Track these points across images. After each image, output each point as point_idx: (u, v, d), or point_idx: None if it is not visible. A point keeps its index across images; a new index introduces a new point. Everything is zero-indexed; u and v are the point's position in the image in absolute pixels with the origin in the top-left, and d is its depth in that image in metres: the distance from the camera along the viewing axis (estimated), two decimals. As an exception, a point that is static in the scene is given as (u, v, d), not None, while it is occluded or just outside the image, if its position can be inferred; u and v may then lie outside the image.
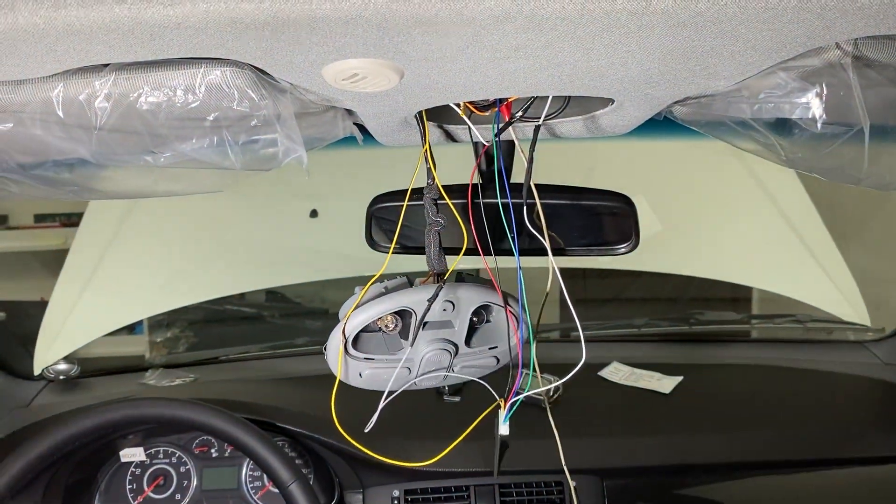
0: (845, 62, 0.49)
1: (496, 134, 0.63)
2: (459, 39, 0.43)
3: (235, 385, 1.42)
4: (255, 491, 1.23)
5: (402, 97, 0.55)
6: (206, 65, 0.47)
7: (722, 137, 0.62)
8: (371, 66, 0.46)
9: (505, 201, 0.66)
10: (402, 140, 0.69)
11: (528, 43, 0.44)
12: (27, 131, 0.51)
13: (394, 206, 0.75)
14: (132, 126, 0.51)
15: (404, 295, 0.66)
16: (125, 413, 0.85)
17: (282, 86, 0.51)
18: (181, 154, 0.55)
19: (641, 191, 0.98)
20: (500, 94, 0.58)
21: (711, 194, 1.87)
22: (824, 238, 1.78)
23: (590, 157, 1.65)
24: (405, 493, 1.18)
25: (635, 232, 0.75)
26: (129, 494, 1.23)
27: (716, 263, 1.83)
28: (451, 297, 0.67)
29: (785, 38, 0.45)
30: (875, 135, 0.53)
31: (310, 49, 0.44)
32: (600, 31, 0.42)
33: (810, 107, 0.52)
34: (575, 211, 0.75)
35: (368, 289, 0.68)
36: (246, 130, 0.53)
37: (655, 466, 1.20)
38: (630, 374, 1.45)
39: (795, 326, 1.71)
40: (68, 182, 0.61)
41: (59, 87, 0.48)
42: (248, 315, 2.39)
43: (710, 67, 0.50)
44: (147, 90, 0.48)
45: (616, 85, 0.54)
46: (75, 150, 0.53)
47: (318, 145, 0.63)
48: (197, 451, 1.25)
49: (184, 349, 2.09)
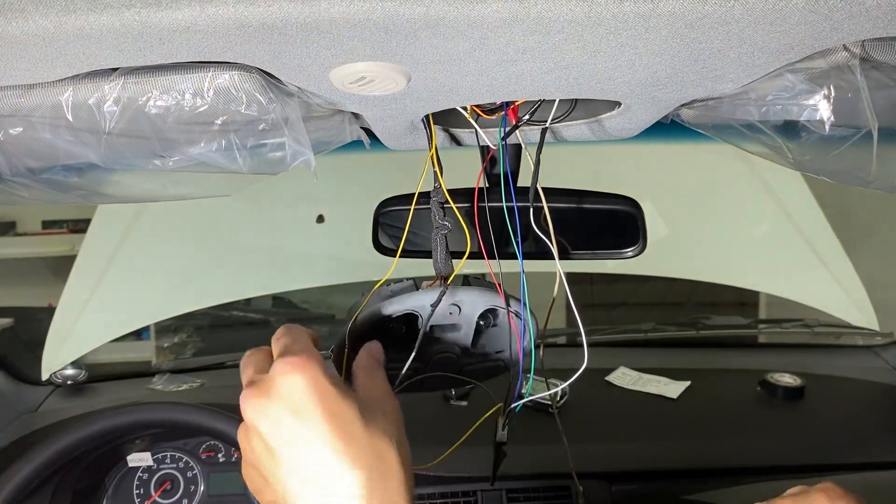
0: (853, 64, 0.49)
1: (503, 137, 0.63)
2: (467, 42, 0.43)
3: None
4: (262, 496, 1.23)
5: (409, 101, 0.55)
6: (215, 69, 0.47)
7: (729, 140, 0.62)
8: (378, 69, 0.46)
9: (511, 205, 0.66)
10: (408, 144, 0.70)
11: (535, 46, 0.44)
12: (37, 135, 0.51)
13: (400, 210, 0.75)
14: (141, 130, 0.51)
15: (410, 298, 0.66)
16: (133, 417, 0.85)
17: (289, 89, 0.51)
18: (189, 158, 0.55)
19: (648, 195, 0.98)
20: (507, 98, 0.58)
21: (718, 198, 1.87)
22: (832, 242, 1.78)
23: (596, 162, 1.65)
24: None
25: (642, 236, 0.75)
26: (136, 499, 1.23)
27: (723, 267, 1.83)
28: (457, 300, 0.67)
29: (792, 40, 0.45)
30: (884, 137, 0.52)
31: (317, 52, 0.44)
32: (608, 33, 0.42)
33: (818, 109, 0.52)
34: (581, 214, 0.75)
35: (374, 293, 0.68)
36: (254, 134, 0.53)
37: (663, 471, 1.20)
38: (637, 379, 1.45)
39: (803, 331, 1.70)
40: (77, 186, 0.62)
41: (69, 91, 0.48)
42: (255, 320, 2.40)
43: (718, 70, 0.50)
44: (156, 94, 0.48)
45: (623, 88, 0.54)
46: (84, 154, 0.54)
47: (325, 149, 0.63)
48: (204, 456, 1.25)
49: (191, 354, 2.09)
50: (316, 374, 0.48)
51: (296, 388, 0.47)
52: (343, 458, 0.46)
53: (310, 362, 0.48)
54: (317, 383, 0.47)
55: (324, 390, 0.47)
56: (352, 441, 0.47)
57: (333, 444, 0.46)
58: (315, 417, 0.46)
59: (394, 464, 0.48)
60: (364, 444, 0.47)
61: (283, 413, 0.47)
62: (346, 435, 0.47)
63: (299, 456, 0.47)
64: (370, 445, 0.47)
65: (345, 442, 0.46)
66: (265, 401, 0.48)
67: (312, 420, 0.46)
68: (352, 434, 0.47)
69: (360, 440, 0.47)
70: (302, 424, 0.46)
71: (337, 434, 0.46)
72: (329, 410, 0.47)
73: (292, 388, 0.47)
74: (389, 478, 0.47)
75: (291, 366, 0.48)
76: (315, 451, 0.46)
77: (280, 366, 0.48)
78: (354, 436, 0.47)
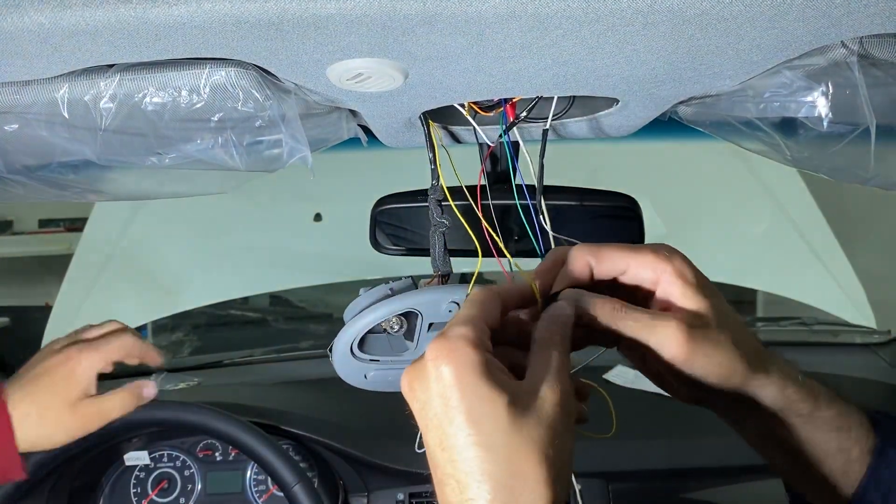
0: (851, 61, 0.49)
1: (504, 132, 0.63)
2: (464, 38, 0.43)
3: (239, 389, 1.42)
4: (260, 495, 1.23)
5: (406, 97, 0.55)
6: (211, 65, 0.47)
7: (727, 138, 0.62)
8: (376, 65, 0.46)
9: (512, 203, 0.66)
10: (406, 142, 0.69)
11: (532, 42, 0.44)
12: (33, 132, 0.51)
13: (398, 207, 0.75)
14: (137, 127, 0.51)
15: (409, 297, 0.66)
16: (130, 416, 0.85)
17: (286, 86, 0.51)
18: (186, 155, 0.55)
19: (646, 193, 0.98)
20: (505, 94, 0.58)
21: (716, 197, 1.87)
22: (829, 240, 1.78)
23: (594, 160, 1.65)
24: (410, 496, 1.18)
25: (640, 233, 0.75)
26: (133, 498, 1.23)
27: (720, 266, 1.83)
28: (456, 298, 0.67)
29: (790, 37, 0.45)
30: (881, 134, 0.52)
31: (314, 49, 0.44)
32: (605, 29, 0.42)
33: (816, 106, 0.52)
34: (579, 212, 0.75)
35: (373, 291, 0.68)
36: (250, 131, 0.53)
37: (661, 470, 1.20)
38: (635, 378, 1.45)
39: (800, 329, 1.70)
40: (73, 184, 0.62)
41: (65, 87, 0.48)
42: (252, 319, 2.40)
43: (716, 66, 0.50)
44: (152, 91, 0.48)
45: (621, 84, 0.54)
46: (80, 151, 0.54)
47: (322, 147, 0.63)
48: (201, 455, 1.24)
49: (188, 353, 2.09)
50: (464, 365, 0.43)
51: (442, 379, 0.43)
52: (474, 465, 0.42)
53: (462, 349, 0.44)
54: (462, 376, 0.43)
55: (470, 386, 0.43)
56: (488, 449, 0.42)
57: (467, 449, 0.42)
58: (458, 417, 0.43)
59: (530, 481, 0.42)
60: (500, 457, 0.42)
61: (431, 400, 0.44)
62: (482, 440, 0.42)
63: (439, 445, 0.44)
64: (506, 459, 0.42)
65: (482, 448, 0.42)
66: (417, 383, 0.45)
67: (456, 419, 0.42)
68: (489, 443, 0.42)
69: (497, 451, 0.42)
70: (445, 416, 0.43)
71: (474, 439, 0.42)
72: (470, 412, 0.42)
73: (439, 378, 0.43)
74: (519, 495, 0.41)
75: (440, 353, 0.44)
76: (450, 448, 0.43)
77: (431, 350, 0.44)
78: (491, 446, 0.42)
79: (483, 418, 0.42)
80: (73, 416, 0.83)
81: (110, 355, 0.86)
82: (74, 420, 0.83)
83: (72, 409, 0.83)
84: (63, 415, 0.82)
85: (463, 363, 0.43)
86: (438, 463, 0.44)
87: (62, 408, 0.82)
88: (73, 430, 0.84)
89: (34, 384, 0.83)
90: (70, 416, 0.83)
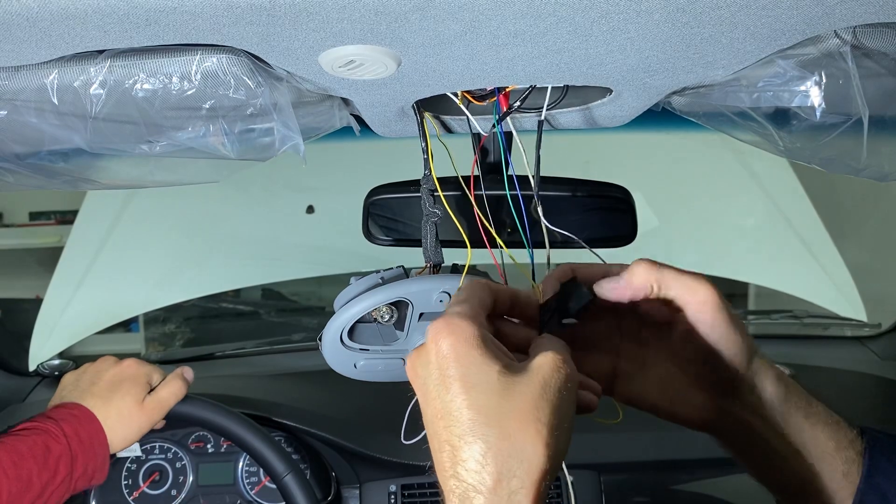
0: (844, 51, 0.49)
1: (497, 121, 0.63)
2: (457, 25, 0.43)
3: (231, 381, 1.42)
4: (252, 486, 1.23)
5: (399, 86, 0.55)
6: (202, 52, 0.47)
7: (720, 128, 0.62)
8: (368, 52, 0.46)
9: (504, 193, 0.66)
10: (398, 131, 0.69)
11: (526, 29, 0.44)
12: (22, 119, 0.51)
13: (391, 198, 0.75)
14: (127, 114, 0.51)
15: (400, 286, 0.66)
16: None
17: (278, 73, 0.50)
18: (177, 143, 0.55)
19: (638, 186, 0.98)
20: (498, 83, 0.58)
21: (707, 189, 1.87)
22: (820, 233, 1.78)
23: (587, 151, 1.65)
24: (402, 487, 1.18)
25: (633, 224, 0.75)
26: (124, 490, 1.22)
27: (711, 258, 1.84)
28: (447, 287, 0.67)
29: (783, 26, 0.45)
30: (874, 125, 0.53)
31: (306, 35, 0.44)
32: (599, 17, 0.42)
33: (809, 96, 0.52)
34: (571, 203, 0.75)
35: (364, 280, 0.67)
36: (242, 119, 0.53)
37: (653, 461, 1.20)
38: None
39: (792, 322, 1.71)
40: (63, 172, 0.61)
41: (55, 73, 0.47)
42: (244, 312, 2.39)
43: (709, 56, 0.50)
44: (142, 77, 0.48)
45: (615, 74, 0.54)
46: (70, 138, 0.53)
47: (314, 135, 0.63)
48: (193, 447, 1.24)
49: (180, 345, 2.08)
50: (460, 338, 0.47)
51: (441, 352, 0.47)
52: (466, 428, 0.45)
53: (458, 323, 0.48)
54: (458, 346, 0.47)
55: (465, 356, 0.47)
56: (479, 412, 0.45)
57: (460, 412, 0.45)
58: (454, 385, 0.46)
59: (519, 443, 0.45)
60: (491, 420, 0.45)
61: (431, 374, 0.48)
62: (474, 404, 0.45)
63: (436, 414, 0.47)
64: (497, 422, 0.45)
65: (473, 411, 0.45)
66: (419, 361, 0.49)
67: (452, 386, 0.46)
68: (480, 405, 0.45)
69: (488, 414, 0.45)
70: (442, 385, 0.47)
71: (467, 402, 0.45)
72: (465, 378, 0.46)
73: (439, 352, 0.47)
74: (514, 458, 0.44)
75: (439, 330, 0.48)
76: (447, 415, 0.46)
77: (431, 329, 0.49)
78: (482, 409, 0.45)
79: (477, 384, 0.46)
80: (142, 413, 0.96)
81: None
82: (143, 417, 0.96)
83: (141, 408, 0.96)
84: (136, 414, 0.95)
85: (459, 336, 0.47)
86: (435, 431, 0.47)
87: (135, 408, 0.95)
88: (143, 427, 0.96)
89: (112, 392, 0.95)
90: (140, 414, 0.96)
